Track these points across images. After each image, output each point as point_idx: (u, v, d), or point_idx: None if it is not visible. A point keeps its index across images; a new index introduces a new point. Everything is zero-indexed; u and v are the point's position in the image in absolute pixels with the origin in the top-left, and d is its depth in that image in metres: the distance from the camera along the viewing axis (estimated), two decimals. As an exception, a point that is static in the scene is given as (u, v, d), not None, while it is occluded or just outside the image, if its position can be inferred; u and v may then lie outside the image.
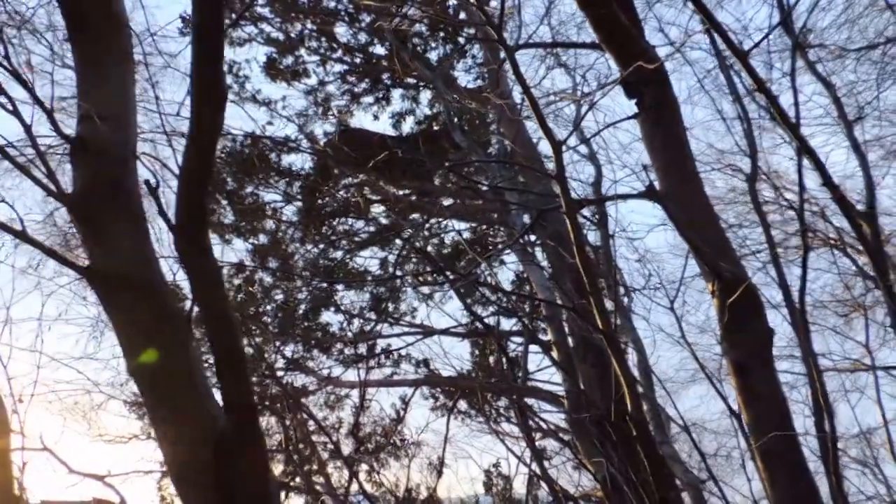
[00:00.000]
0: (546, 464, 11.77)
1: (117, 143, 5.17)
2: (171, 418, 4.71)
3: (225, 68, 4.08)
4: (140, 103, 5.78)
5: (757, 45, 6.59)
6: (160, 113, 6.31)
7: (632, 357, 11.61)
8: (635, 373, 10.99)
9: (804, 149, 5.91)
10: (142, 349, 4.72)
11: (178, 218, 4.33)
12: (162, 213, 4.41)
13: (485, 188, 14.37)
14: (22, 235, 5.11)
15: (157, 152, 10.49)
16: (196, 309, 4.75)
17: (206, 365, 7.79)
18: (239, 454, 4.60)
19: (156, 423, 4.86)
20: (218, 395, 4.74)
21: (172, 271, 5.43)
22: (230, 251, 16.85)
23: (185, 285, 5.87)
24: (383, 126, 17.97)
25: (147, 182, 4.47)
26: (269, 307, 17.16)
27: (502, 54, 15.07)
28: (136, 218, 5.06)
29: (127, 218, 5.02)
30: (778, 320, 10.07)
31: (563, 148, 6.02)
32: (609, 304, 7.22)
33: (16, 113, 5.52)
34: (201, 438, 4.61)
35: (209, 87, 4.02)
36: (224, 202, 16.90)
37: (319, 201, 16.52)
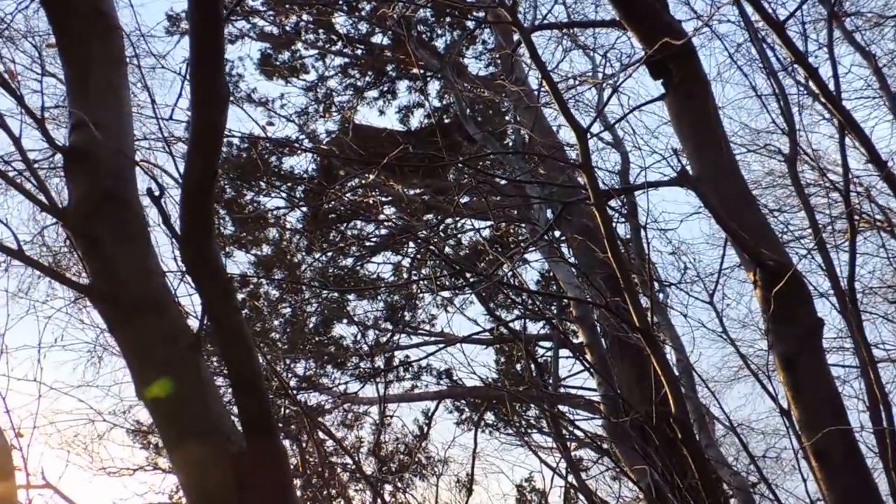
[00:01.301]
0: (583, 475, 11.77)
1: (113, 151, 5.17)
2: (185, 442, 4.70)
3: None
4: (133, 108, 5.78)
5: (792, 14, 6.63)
6: (157, 117, 6.30)
7: (671, 356, 11.62)
8: (676, 372, 10.99)
9: (848, 124, 5.94)
10: (150, 370, 4.74)
11: (183, 227, 4.37)
12: (166, 223, 4.45)
13: (503, 182, 14.39)
14: (19, 255, 5.15)
15: (155, 158, 10.55)
16: (207, 324, 4.77)
17: (219, 383, 7.84)
18: (260, 476, 4.62)
19: (169, 447, 4.88)
20: (233, 414, 4.79)
21: (174, 286, 5.41)
22: (232, 264, 16.88)
23: (191, 300, 5.91)
24: (390, 121, 18.02)
25: (149, 191, 4.48)
26: (276, 322, 17.19)
27: (516, 37, 15.14)
28: (137, 230, 5.05)
29: (128, 231, 5.01)
30: (825, 310, 10.07)
31: (587, 135, 6.05)
32: (644, 301, 7.23)
33: (2, 124, 5.54)
34: (219, 461, 4.60)
35: (210, 86, 4.07)
36: (222, 212, 16.94)
37: (325, 205, 16.55)
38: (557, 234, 14.07)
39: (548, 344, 15.35)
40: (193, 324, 5.05)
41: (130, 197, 5.17)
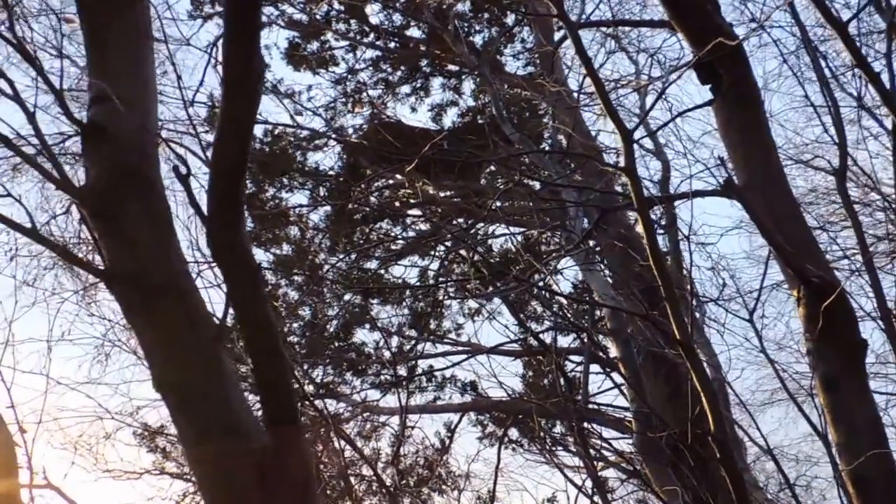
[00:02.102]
0: (610, 496, 11.79)
1: (136, 127, 5.14)
2: (203, 437, 4.65)
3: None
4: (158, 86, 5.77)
5: (856, 14, 6.62)
6: (183, 99, 6.31)
7: (707, 374, 11.61)
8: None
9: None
10: (170, 359, 4.74)
11: (211, 209, 4.34)
12: (193, 204, 4.44)
13: (539, 187, 14.39)
14: (33, 234, 5.17)
15: (180, 138, 10.56)
16: (231, 313, 4.76)
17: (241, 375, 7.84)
18: (282, 474, 4.60)
19: (187, 443, 4.84)
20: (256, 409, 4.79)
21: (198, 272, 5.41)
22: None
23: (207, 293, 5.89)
24: (422, 119, 17.99)
25: (176, 169, 4.45)
26: (295, 325, 17.20)
27: (556, 36, 15.17)
28: (159, 212, 5.03)
29: (149, 212, 4.98)
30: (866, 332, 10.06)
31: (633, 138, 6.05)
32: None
33: (17, 98, 5.54)
34: (239, 459, 4.58)
35: (246, 56, 4.06)
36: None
37: (351, 204, 16.56)
38: (592, 243, 14.06)
39: (578, 358, 15.34)
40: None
41: (154, 176, 5.13)
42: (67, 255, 5.51)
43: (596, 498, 10.79)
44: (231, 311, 4.73)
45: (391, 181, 16.74)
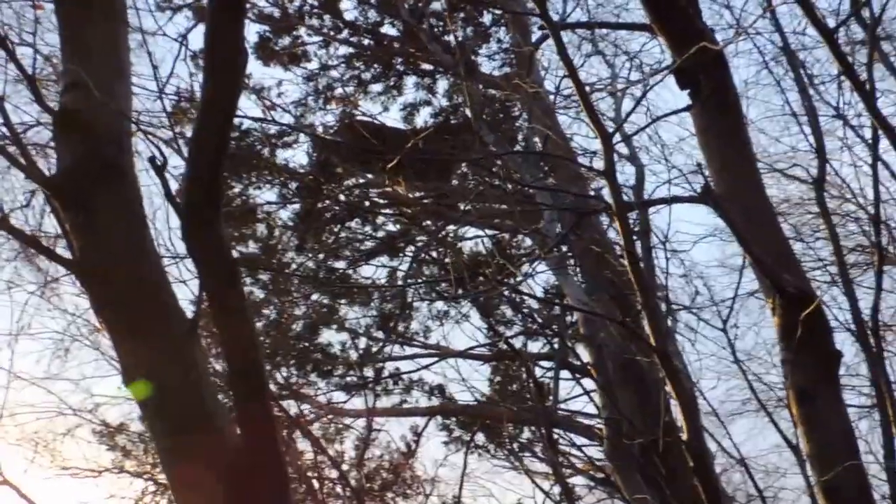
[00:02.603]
0: (578, 503, 11.83)
1: (110, 115, 5.10)
2: (174, 435, 4.67)
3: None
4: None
5: (844, 21, 6.64)
6: (159, 89, 6.25)
7: (683, 382, 11.65)
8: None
9: (892, 140, 5.96)
10: (142, 355, 4.71)
11: (187, 201, 4.30)
12: (169, 196, 4.41)
13: (512, 189, 14.40)
14: (4, 224, 5.14)
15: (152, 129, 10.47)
16: (204, 309, 4.73)
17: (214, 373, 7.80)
18: (254, 476, 4.57)
19: (157, 440, 4.83)
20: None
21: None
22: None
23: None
24: (394, 118, 17.96)
25: (152, 159, 4.40)
26: (260, 324, 17.13)
27: (534, 37, 15.18)
28: (132, 204, 5.02)
29: (122, 204, 4.98)
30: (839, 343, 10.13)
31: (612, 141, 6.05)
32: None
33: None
34: (210, 458, 4.58)
35: (229, 43, 4.04)
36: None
37: (321, 203, 16.52)
38: (564, 248, 14.07)
39: (548, 364, 15.35)
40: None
41: (127, 166, 5.10)
42: (37, 245, 5.47)
43: (564, 504, 10.83)
44: (205, 305, 4.70)
45: (362, 180, 16.70)
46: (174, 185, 4.62)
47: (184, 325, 4.78)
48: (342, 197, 16.85)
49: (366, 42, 17.97)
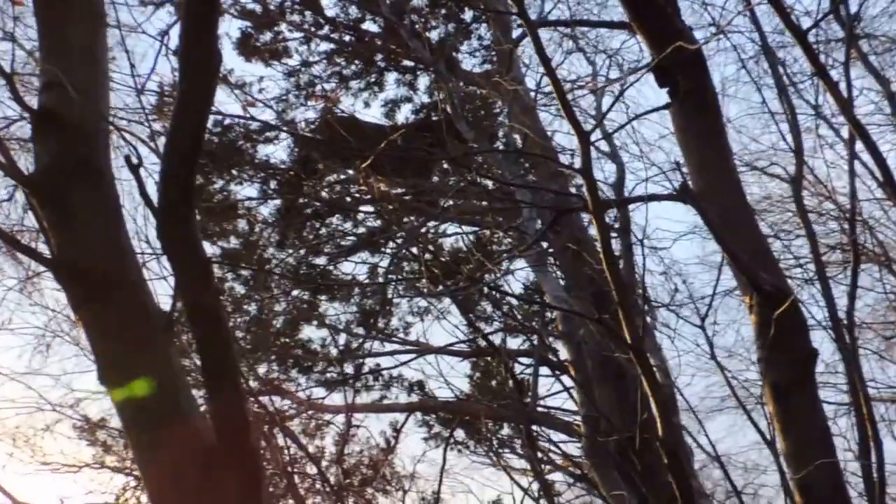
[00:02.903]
0: (556, 499, 11.87)
1: (89, 114, 5.12)
2: (149, 433, 4.65)
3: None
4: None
5: (817, 23, 6.67)
6: (136, 87, 6.26)
7: (658, 379, 11.67)
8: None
9: (864, 141, 5.99)
10: (118, 353, 4.72)
11: (162, 200, 4.31)
12: (144, 195, 4.44)
13: (493, 186, 14.42)
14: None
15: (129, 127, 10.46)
16: (180, 307, 4.75)
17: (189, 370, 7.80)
18: (229, 475, 4.59)
19: (131, 438, 4.83)
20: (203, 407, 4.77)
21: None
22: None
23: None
24: (375, 115, 17.97)
25: (128, 158, 4.43)
26: (240, 320, 17.10)
27: (515, 34, 15.21)
28: (109, 202, 5.02)
29: (99, 201, 4.97)
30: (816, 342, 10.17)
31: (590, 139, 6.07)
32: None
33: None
34: (185, 457, 4.56)
35: (203, 44, 4.05)
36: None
37: (301, 199, 16.51)
38: (545, 245, 14.09)
39: (527, 360, 15.38)
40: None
41: (104, 165, 5.11)
42: (15, 243, 5.48)
43: (542, 501, 10.86)
44: (179, 303, 4.71)
45: (343, 176, 16.70)
46: (151, 184, 4.59)
47: (160, 321, 4.79)
48: (323, 193, 16.84)
49: (347, 38, 17.96)
